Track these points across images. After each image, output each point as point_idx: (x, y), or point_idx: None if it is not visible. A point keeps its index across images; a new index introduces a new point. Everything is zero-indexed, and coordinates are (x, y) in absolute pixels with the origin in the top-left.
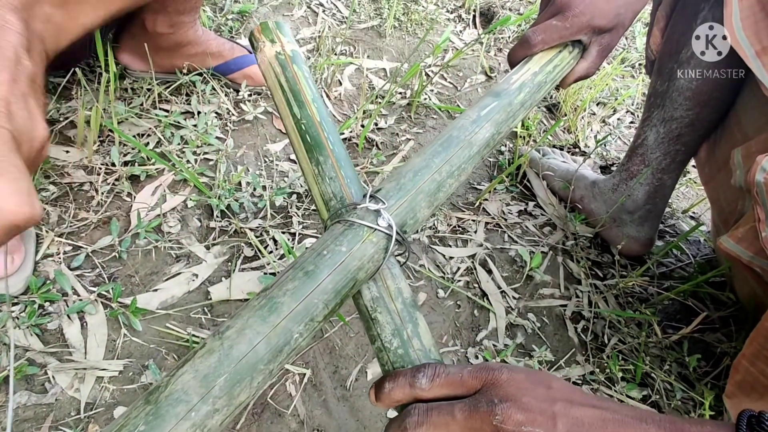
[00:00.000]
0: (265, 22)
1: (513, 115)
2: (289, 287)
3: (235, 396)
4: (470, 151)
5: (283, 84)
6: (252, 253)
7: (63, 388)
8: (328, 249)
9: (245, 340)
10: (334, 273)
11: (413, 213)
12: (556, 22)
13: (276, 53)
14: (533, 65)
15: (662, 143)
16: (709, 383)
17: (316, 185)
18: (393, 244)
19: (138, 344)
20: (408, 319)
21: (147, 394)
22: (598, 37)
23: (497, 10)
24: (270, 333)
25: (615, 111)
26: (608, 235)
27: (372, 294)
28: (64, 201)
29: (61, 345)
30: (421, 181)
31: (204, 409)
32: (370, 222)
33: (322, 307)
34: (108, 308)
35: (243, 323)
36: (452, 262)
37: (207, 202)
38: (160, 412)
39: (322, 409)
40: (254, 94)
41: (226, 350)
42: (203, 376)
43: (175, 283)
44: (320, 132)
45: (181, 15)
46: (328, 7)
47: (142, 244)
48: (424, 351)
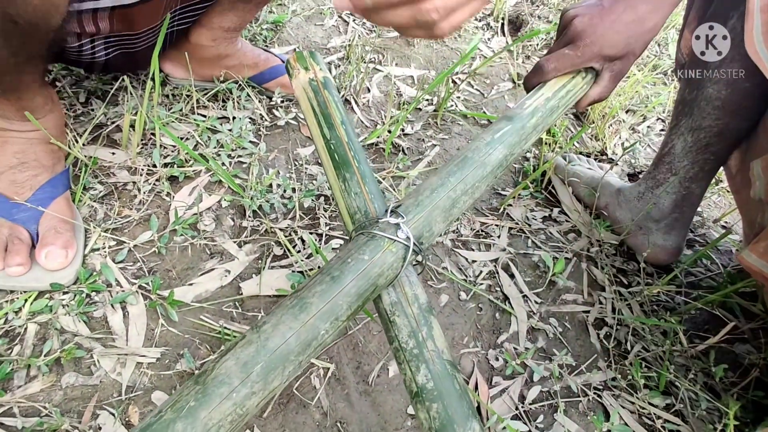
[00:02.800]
0: (300, 52)
1: (525, 137)
2: (318, 290)
3: (270, 382)
4: (484, 171)
5: (315, 108)
6: (281, 252)
7: (106, 372)
8: (352, 257)
9: (279, 334)
10: (357, 278)
11: (429, 227)
12: (568, 51)
13: (309, 80)
14: (547, 90)
15: (690, 152)
16: (736, 394)
17: (343, 199)
18: (410, 254)
19: (174, 334)
20: (423, 323)
21: (196, 377)
22: (609, 64)
23: (526, 18)
24: (300, 329)
25: (645, 118)
26: (634, 243)
27: (391, 299)
28: (110, 199)
29: (105, 332)
30: (438, 198)
31: (243, 391)
32: (390, 234)
33: (345, 308)
34: (147, 299)
35: (277, 319)
36: (475, 265)
37: (240, 202)
38: (207, 391)
39: (344, 403)
40: (286, 101)
41: (263, 342)
42: (243, 363)
43: (209, 278)
44: (347, 151)
45: (225, 31)
46: (358, 17)
47: (179, 240)
48: (437, 352)
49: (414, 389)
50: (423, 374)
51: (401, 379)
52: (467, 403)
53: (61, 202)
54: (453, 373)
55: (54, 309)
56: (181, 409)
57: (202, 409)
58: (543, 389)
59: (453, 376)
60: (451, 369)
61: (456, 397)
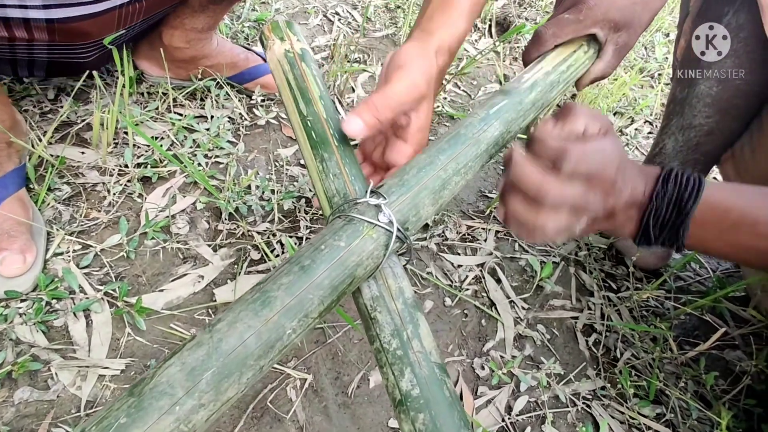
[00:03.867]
0: (275, 21)
1: (523, 114)
2: (284, 281)
3: (223, 391)
4: (478, 149)
5: (290, 81)
6: (259, 256)
7: (65, 385)
8: (326, 244)
9: (235, 334)
10: (331, 268)
11: (416, 210)
12: (569, 16)
13: (285, 51)
14: (546, 64)
15: (680, 152)
16: (727, 403)
17: (320, 182)
18: (394, 241)
19: (141, 344)
20: (409, 320)
21: (132, 387)
22: (614, 35)
23: (514, 20)
24: (261, 328)
25: (633, 121)
26: (623, 247)
27: (372, 293)
28: (77, 201)
29: (66, 342)
30: (426, 178)
31: (189, 403)
32: (370, 217)
33: (317, 303)
34: (114, 307)
35: (234, 316)
36: (460, 270)
37: (216, 204)
38: (142, 405)
39: (322, 416)
40: (267, 100)
41: (215, 343)
42: (190, 369)
43: (181, 284)
44: (326, 129)
45: (198, 32)
46: (343, 16)
47: (150, 244)
48: (424, 353)
49: (397, 396)
50: (408, 379)
51: (383, 390)
52: (458, 412)
53: (13, 203)
54: (442, 377)
55: (9, 318)
56: (108, 428)
57: (134, 428)
58: (530, 399)
59: (442, 381)
60: (440, 373)
61: (445, 405)
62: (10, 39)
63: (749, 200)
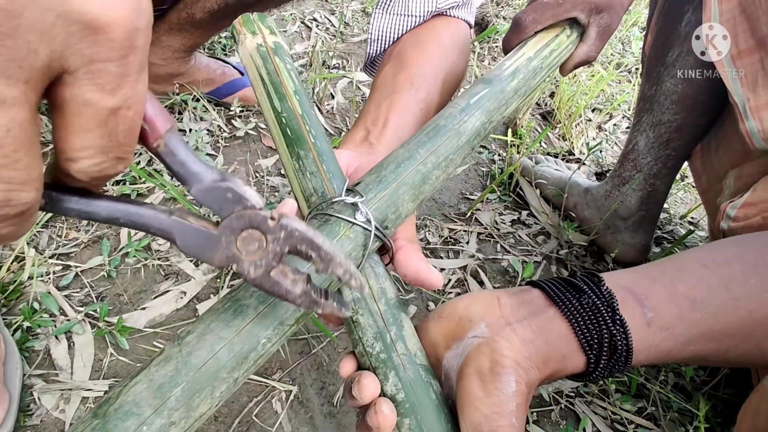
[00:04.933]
0: (246, 15)
1: (506, 102)
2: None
3: (194, 407)
4: (459, 141)
5: (263, 76)
6: None
7: (48, 410)
8: None
9: (206, 346)
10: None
11: (395, 207)
12: (548, 0)
13: (257, 45)
14: (528, 50)
15: (652, 148)
16: (707, 393)
17: (297, 180)
18: (372, 240)
19: (124, 363)
20: (392, 322)
21: (96, 408)
22: (596, 17)
23: (491, 19)
24: (234, 338)
25: (611, 116)
26: (603, 243)
27: (353, 295)
28: (55, 222)
29: (48, 366)
30: (405, 173)
31: (158, 422)
32: (347, 216)
33: (292, 309)
34: (95, 328)
35: (204, 328)
36: (443, 273)
37: None
38: (107, 427)
39: (308, 427)
40: (246, 110)
41: (185, 357)
42: (158, 386)
43: (164, 301)
44: (301, 125)
45: (174, 51)
46: (321, 22)
47: (131, 262)
48: (409, 356)
49: None
50: (392, 383)
51: None
52: (445, 416)
53: None
54: (428, 380)
55: None
56: None
57: None
58: None
59: (428, 383)
60: (426, 375)
61: (432, 409)
62: None
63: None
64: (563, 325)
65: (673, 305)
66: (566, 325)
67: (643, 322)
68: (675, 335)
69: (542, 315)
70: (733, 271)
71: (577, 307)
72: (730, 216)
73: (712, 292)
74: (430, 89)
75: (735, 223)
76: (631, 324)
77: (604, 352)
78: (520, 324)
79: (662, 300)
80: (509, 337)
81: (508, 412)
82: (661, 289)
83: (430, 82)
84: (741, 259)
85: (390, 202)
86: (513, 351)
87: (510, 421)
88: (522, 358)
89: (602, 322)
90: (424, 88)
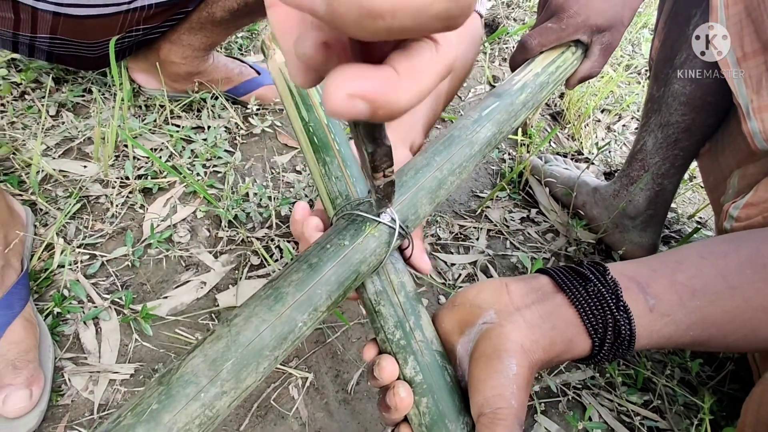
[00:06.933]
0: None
1: (515, 115)
2: (294, 278)
3: (242, 380)
4: (471, 150)
5: (292, 89)
6: (258, 261)
7: (78, 390)
8: (332, 243)
9: (252, 327)
10: (337, 265)
11: (414, 209)
12: (552, 25)
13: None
14: (535, 66)
15: (660, 148)
16: (712, 388)
17: (323, 185)
18: (396, 238)
19: (149, 349)
20: (411, 312)
21: (159, 377)
22: (598, 36)
23: (502, 21)
24: (275, 321)
25: (620, 117)
26: (611, 241)
27: (375, 287)
28: (82, 213)
29: (77, 350)
30: (423, 179)
31: (213, 390)
32: (373, 216)
33: (325, 298)
34: (121, 314)
35: (250, 311)
36: (454, 268)
37: (215, 212)
38: (171, 392)
39: (323, 412)
40: (262, 109)
41: (234, 336)
42: (212, 360)
43: (185, 291)
44: (327, 134)
45: (194, 50)
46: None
47: (153, 253)
48: (426, 342)
49: None
50: (411, 366)
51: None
52: (459, 396)
53: (19, 326)
54: (443, 364)
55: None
56: (142, 413)
57: (165, 413)
58: None
59: (443, 367)
60: (441, 360)
61: (447, 390)
62: (15, 22)
63: (660, 266)
64: (570, 310)
65: (673, 293)
66: (573, 310)
67: (646, 308)
68: (675, 321)
69: (550, 301)
70: (730, 263)
71: (583, 294)
72: (732, 216)
73: (710, 281)
74: None
75: (737, 223)
76: (634, 310)
77: (608, 336)
78: (528, 309)
79: (663, 288)
80: (517, 322)
81: (508, 394)
82: (663, 279)
83: None
84: (737, 251)
85: (410, 205)
86: (519, 335)
87: (509, 402)
88: (529, 342)
89: (607, 309)
90: None
